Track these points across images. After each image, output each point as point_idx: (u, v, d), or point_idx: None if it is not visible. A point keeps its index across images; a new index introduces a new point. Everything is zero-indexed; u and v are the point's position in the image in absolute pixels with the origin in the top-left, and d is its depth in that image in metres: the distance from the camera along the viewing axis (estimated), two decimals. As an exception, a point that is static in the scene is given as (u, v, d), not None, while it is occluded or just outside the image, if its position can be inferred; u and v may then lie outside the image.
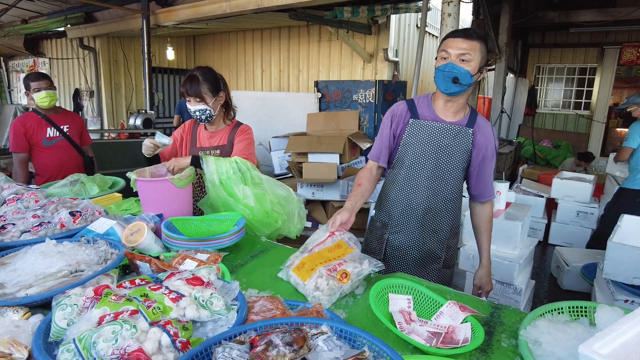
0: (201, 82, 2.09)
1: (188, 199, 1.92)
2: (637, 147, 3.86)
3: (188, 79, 2.10)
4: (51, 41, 9.29)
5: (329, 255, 1.43)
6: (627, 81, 8.94)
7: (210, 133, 2.28)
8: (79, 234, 1.54)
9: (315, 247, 1.48)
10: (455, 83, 1.57)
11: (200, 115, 2.14)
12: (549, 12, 6.80)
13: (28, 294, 1.09)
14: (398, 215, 1.80)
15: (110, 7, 6.43)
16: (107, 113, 8.17)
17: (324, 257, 1.41)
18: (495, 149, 1.79)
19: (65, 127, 3.13)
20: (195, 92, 2.09)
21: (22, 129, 2.95)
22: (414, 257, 1.81)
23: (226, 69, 8.74)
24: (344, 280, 1.29)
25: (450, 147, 1.69)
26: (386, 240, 1.84)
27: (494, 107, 6.56)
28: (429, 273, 1.83)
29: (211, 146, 2.26)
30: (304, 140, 4.60)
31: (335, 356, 0.80)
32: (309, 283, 1.31)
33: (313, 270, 1.34)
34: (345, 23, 5.98)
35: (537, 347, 0.97)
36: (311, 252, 1.46)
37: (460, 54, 1.55)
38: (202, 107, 2.11)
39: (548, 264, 4.37)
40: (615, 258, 2.46)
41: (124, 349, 0.80)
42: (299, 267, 1.38)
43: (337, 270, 1.32)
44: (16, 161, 2.99)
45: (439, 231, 1.79)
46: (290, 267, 1.41)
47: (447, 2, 3.13)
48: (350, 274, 1.31)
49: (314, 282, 1.31)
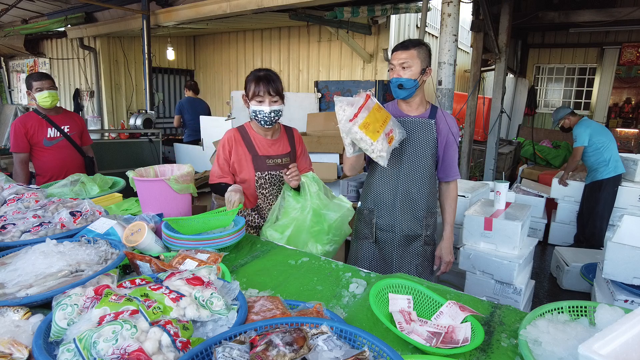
0: (277, 80, 1.98)
1: (187, 199, 1.92)
2: (588, 145, 4.31)
3: (263, 78, 1.95)
4: (51, 41, 9.29)
5: (380, 116, 1.71)
6: (626, 81, 8.95)
7: (269, 141, 2.11)
8: (79, 234, 1.54)
9: (361, 106, 1.67)
10: (401, 89, 1.92)
11: (274, 117, 1.99)
12: (548, 12, 6.81)
13: (28, 294, 1.09)
14: (381, 200, 2.07)
15: (111, 7, 6.44)
16: (107, 113, 8.17)
17: (379, 118, 1.70)
18: (456, 135, 2.07)
19: (66, 128, 3.13)
20: (276, 90, 1.96)
21: (23, 129, 2.95)
22: (399, 236, 2.07)
23: (226, 69, 8.74)
24: (390, 143, 1.73)
25: (417, 137, 1.98)
26: (375, 225, 2.10)
27: (493, 107, 6.56)
28: (414, 250, 2.09)
29: (278, 154, 2.11)
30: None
31: (335, 356, 0.80)
32: (377, 144, 1.67)
33: (379, 133, 1.66)
34: (345, 23, 5.99)
35: (537, 347, 0.97)
36: (361, 110, 1.65)
37: (401, 63, 1.89)
38: (278, 107, 1.99)
39: (548, 264, 4.37)
40: (614, 258, 2.46)
41: (124, 348, 0.80)
42: (365, 126, 1.63)
43: (389, 135, 1.71)
44: (16, 161, 3.00)
45: (417, 211, 2.05)
46: (355, 123, 1.63)
47: (447, 2, 3.13)
48: (394, 138, 1.76)
49: (380, 144, 1.67)
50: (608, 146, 4.24)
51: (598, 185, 4.31)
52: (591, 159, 4.33)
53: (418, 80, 1.91)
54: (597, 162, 4.29)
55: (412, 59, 1.88)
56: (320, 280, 1.42)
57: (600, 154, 4.25)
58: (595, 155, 4.28)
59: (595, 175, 4.33)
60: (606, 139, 4.26)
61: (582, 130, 4.32)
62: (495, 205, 3.00)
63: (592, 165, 4.35)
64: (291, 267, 1.53)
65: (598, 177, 4.30)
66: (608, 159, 4.23)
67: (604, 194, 4.29)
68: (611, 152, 4.24)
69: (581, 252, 4.00)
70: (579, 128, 4.36)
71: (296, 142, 2.20)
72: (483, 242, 2.87)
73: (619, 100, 9.27)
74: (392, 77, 1.93)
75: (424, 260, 2.11)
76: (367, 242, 2.13)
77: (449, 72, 3.12)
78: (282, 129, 2.20)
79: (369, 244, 2.13)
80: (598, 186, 4.32)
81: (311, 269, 1.51)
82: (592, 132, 4.28)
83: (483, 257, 2.83)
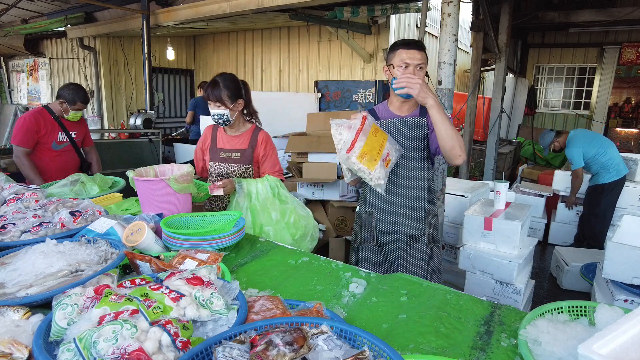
0: (222, 88, 2.22)
1: (187, 199, 1.92)
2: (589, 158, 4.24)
3: (211, 84, 2.24)
4: (51, 41, 9.29)
5: (377, 141, 1.73)
6: (626, 81, 8.95)
7: (230, 137, 2.40)
8: (79, 233, 1.54)
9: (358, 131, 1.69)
10: None
11: (218, 119, 2.27)
12: (548, 12, 6.80)
13: (28, 294, 1.09)
14: (380, 202, 2.05)
15: (110, 7, 6.43)
16: (107, 113, 8.17)
17: (375, 145, 1.71)
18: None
19: (74, 134, 3.16)
20: (216, 97, 2.22)
21: (36, 126, 2.93)
22: (401, 237, 2.04)
23: (226, 69, 8.74)
24: (387, 166, 1.75)
25: (411, 136, 1.98)
26: (375, 227, 2.07)
27: (493, 107, 6.56)
28: (418, 250, 2.05)
29: (232, 149, 2.38)
30: (303, 140, 4.60)
31: (335, 356, 0.80)
32: (374, 173, 1.70)
33: (376, 161, 1.70)
34: (345, 23, 5.99)
35: (537, 347, 0.97)
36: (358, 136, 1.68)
37: (417, 64, 1.85)
38: (221, 111, 2.24)
39: (548, 264, 4.37)
40: (614, 258, 2.46)
41: (124, 348, 0.80)
42: (362, 156, 1.67)
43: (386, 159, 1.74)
44: (21, 154, 2.93)
45: (417, 210, 2.03)
46: (352, 155, 1.67)
47: (446, 2, 3.13)
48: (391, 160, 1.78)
49: (378, 172, 1.71)
50: (605, 152, 4.19)
51: (600, 189, 4.28)
52: (592, 168, 4.29)
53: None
54: (598, 169, 4.25)
55: (425, 60, 1.88)
56: (320, 280, 1.42)
57: (599, 162, 4.20)
58: (595, 164, 4.24)
59: (597, 179, 4.29)
60: (600, 147, 4.20)
61: (574, 152, 4.25)
62: (495, 205, 3.00)
63: (594, 172, 4.32)
64: (291, 267, 1.53)
65: (600, 182, 4.26)
66: (608, 165, 4.18)
67: (606, 198, 4.26)
68: (610, 156, 4.19)
69: (581, 252, 4.00)
70: (570, 150, 4.29)
71: (258, 144, 2.37)
72: (483, 242, 2.87)
73: (619, 100, 9.27)
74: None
75: (430, 260, 2.07)
76: (368, 246, 2.11)
77: (449, 72, 3.11)
78: (252, 129, 2.41)
79: (370, 247, 2.10)
80: (600, 190, 4.28)
81: (311, 269, 1.51)
82: (584, 148, 4.21)
83: (483, 256, 2.83)
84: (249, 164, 2.36)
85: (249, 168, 2.36)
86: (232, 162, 2.36)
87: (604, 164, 4.19)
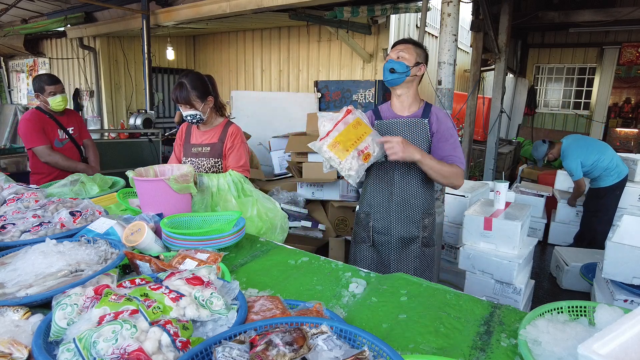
0: (189, 90, 2.20)
1: (187, 199, 1.92)
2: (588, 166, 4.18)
3: (177, 86, 2.23)
4: (51, 41, 9.29)
5: (355, 133, 1.68)
6: (626, 81, 8.95)
7: (202, 132, 2.41)
8: (79, 233, 1.54)
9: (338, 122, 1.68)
10: (392, 72, 1.91)
11: (191, 120, 2.29)
12: (548, 12, 6.81)
13: (28, 294, 1.09)
14: (377, 203, 2.06)
15: (110, 7, 6.43)
16: (107, 113, 8.17)
17: (352, 136, 1.66)
18: (450, 129, 1.99)
19: (71, 129, 3.14)
20: (185, 100, 2.21)
21: (39, 124, 2.92)
22: (396, 239, 2.04)
23: (226, 69, 8.74)
24: (366, 160, 1.68)
25: (411, 136, 1.95)
26: (372, 228, 2.09)
27: (493, 107, 6.56)
28: (412, 253, 2.06)
29: (203, 143, 2.38)
30: (303, 140, 4.60)
31: (335, 356, 0.80)
32: (345, 163, 1.65)
33: (348, 152, 1.64)
34: (345, 23, 5.99)
35: (537, 347, 0.97)
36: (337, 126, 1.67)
37: (397, 52, 1.93)
38: (192, 112, 2.25)
39: (548, 264, 4.37)
40: (614, 258, 2.46)
41: (124, 348, 0.80)
42: (334, 145, 1.64)
43: (364, 153, 1.66)
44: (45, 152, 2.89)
45: (413, 213, 2.02)
46: (324, 143, 1.65)
47: (446, 2, 3.13)
48: (371, 154, 1.69)
49: (349, 163, 1.65)
50: (603, 157, 4.15)
51: (603, 192, 4.24)
52: (593, 173, 4.25)
53: (410, 69, 1.90)
54: (599, 174, 4.21)
55: (408, 50, 1.92)
56: (320, 280, 1.42)
57: (599, 167, 4.16)
58: (595, 170, 4.20)
59: (598, 183, 4.25)
60: (598, 152, 4.16)
61: (571, 163, 4.19)
62: (495, 205, 3.00)
63: (595, 176, 4.28)
64: (291, 267, 1.53)
65: (601, 185, 4.23)
66: (609, 168, 4.15)
67: (607, 200, 4.24)
68: (609, 160, 4.15)
69: (581, 252, 4.00)
70: (567, 162, 4.24)
71: (227, 137, 2.35)
72: (483, 242, 2.87)
73: (619, 100, 9.27)
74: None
75: (423, 262, 2.07)
76: (364, 246, 2.12)
77: (449, 72, 3.11)
78: (223, 123, 2.40)
79: (367, 247, 2.12)
80: (603, 193, 4.24)
81: (311, 269, 1.51)
82: (581, 157, 4.16)
83: (483, 256, 2.83)
84: (218, 157, 2.34)
85: (218, 162, 2.35)
86: (202, 157, 2.36)
87: (604, 168, 4.15)
